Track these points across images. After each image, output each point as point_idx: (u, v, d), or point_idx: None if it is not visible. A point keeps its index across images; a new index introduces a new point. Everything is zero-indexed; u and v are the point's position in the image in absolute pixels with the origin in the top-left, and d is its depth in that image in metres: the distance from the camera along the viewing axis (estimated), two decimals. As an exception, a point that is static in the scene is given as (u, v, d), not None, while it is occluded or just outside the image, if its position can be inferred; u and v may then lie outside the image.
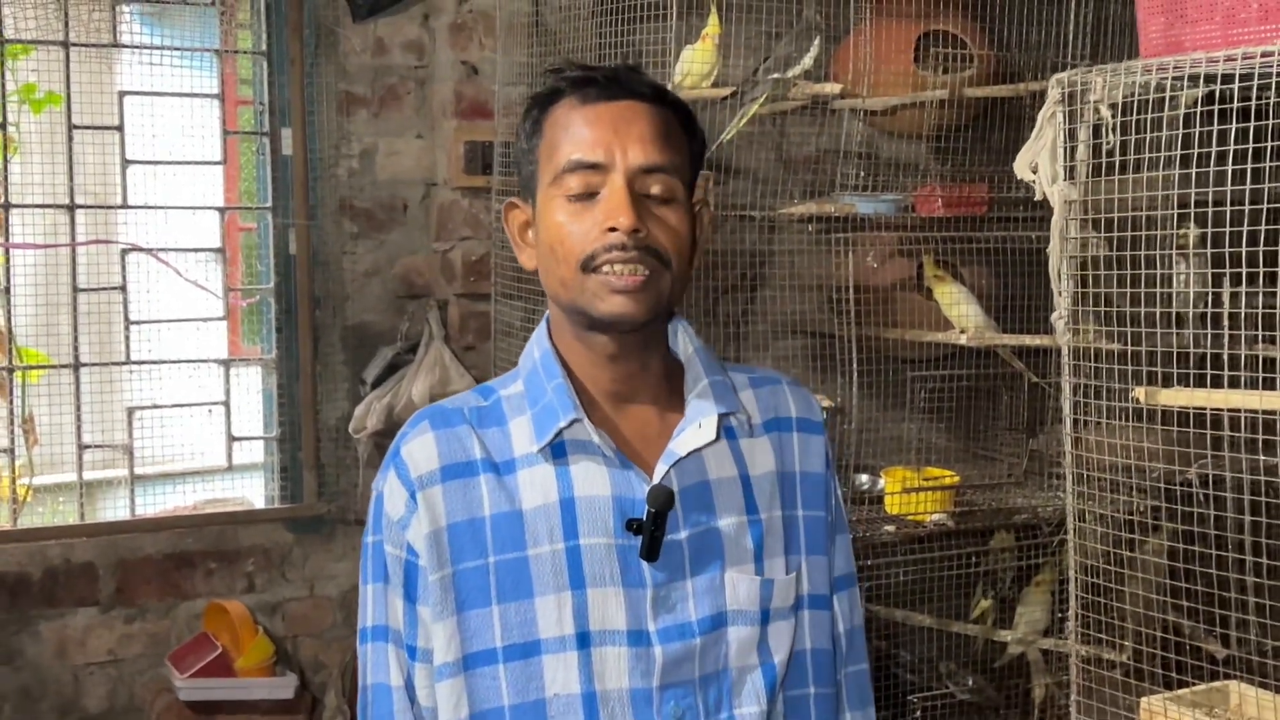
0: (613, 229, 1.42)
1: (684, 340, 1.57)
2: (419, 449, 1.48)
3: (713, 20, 3.14)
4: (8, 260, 3.68)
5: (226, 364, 3.90)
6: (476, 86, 3.90)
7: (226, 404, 3.89)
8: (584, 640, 1.43)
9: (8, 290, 3.68)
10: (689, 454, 1.48)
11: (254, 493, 4.09)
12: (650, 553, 1.43)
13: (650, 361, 1.52)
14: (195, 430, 3.91)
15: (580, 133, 1.46)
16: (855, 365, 3.38)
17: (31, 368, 3.80)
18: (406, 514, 1.47)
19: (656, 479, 1.46)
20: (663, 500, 1.44)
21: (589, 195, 1.44)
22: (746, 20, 3.37)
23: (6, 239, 3.69)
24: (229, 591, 3.83)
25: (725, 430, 1.53)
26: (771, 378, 1.62)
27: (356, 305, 3.94)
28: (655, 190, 1.45)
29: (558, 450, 1.47)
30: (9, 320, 3.70)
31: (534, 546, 1.45)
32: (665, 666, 1.45)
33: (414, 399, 3.73)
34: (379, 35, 3.94)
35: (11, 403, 3.74)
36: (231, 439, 3.90)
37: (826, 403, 3.39)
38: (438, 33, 3.95)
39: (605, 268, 1.42)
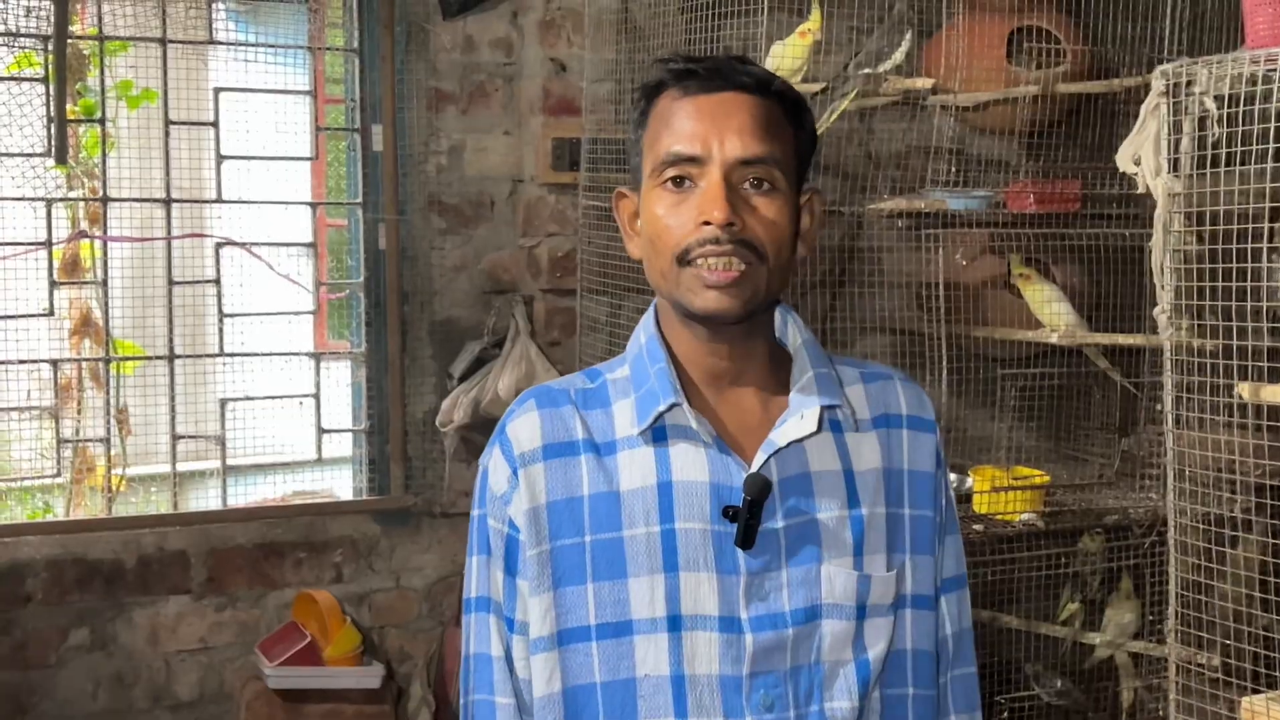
0: (706, 222, 1.43)
1: (793, 331, 1.57)
2: (523, 427, 1.51)
3: (815, 16, 3.13)
4: (105, 254, 3.75)
5: (317, 357, 3.95)
6: (564, 83, 3.92)
7: (317, 397, 3.94)
8: (675, 623, 1.44)
9: (105, 283, 3.75)
10: (789, 444, 1.48)
11: (342, 485, 4.14)
12: (745, 540, 1.44)
13: (754, 350, 1.52)
14: (286, 422, 3.97)
15: (680, 125, 1.47)
16: (944, 363, 3.35)
17: (126, 359, 3.87)
18: (509, 489, 1.50)
19: (755, 467, 1.47)
20: (759, 488, 1.44)
21: (688, 188, 1.46)
22: (837, 15, 3.36)
23: (104, 232, 3.76)
24: (317, 581, 3.87)
25: (830, 424, 1.52)
26: (884, 373, 1.60)
27: (444, 300, 3.98)
28: (754, 182, 1.46)
29: (658, 434, 1.48)
30: (105, 312, 3.77)
31: (630, 528, 1.46)
32: (755, 655, 1.45)
33: (500, 394, 3.75)
34: (468, 32, 3.97)
35: (107, 394, 3.81)
36: (321, 431, 3.95)
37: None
38: (526, 30, 3.98)
39: (699, 261, 1.44)
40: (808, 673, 1.47)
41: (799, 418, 1.49)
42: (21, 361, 3.69)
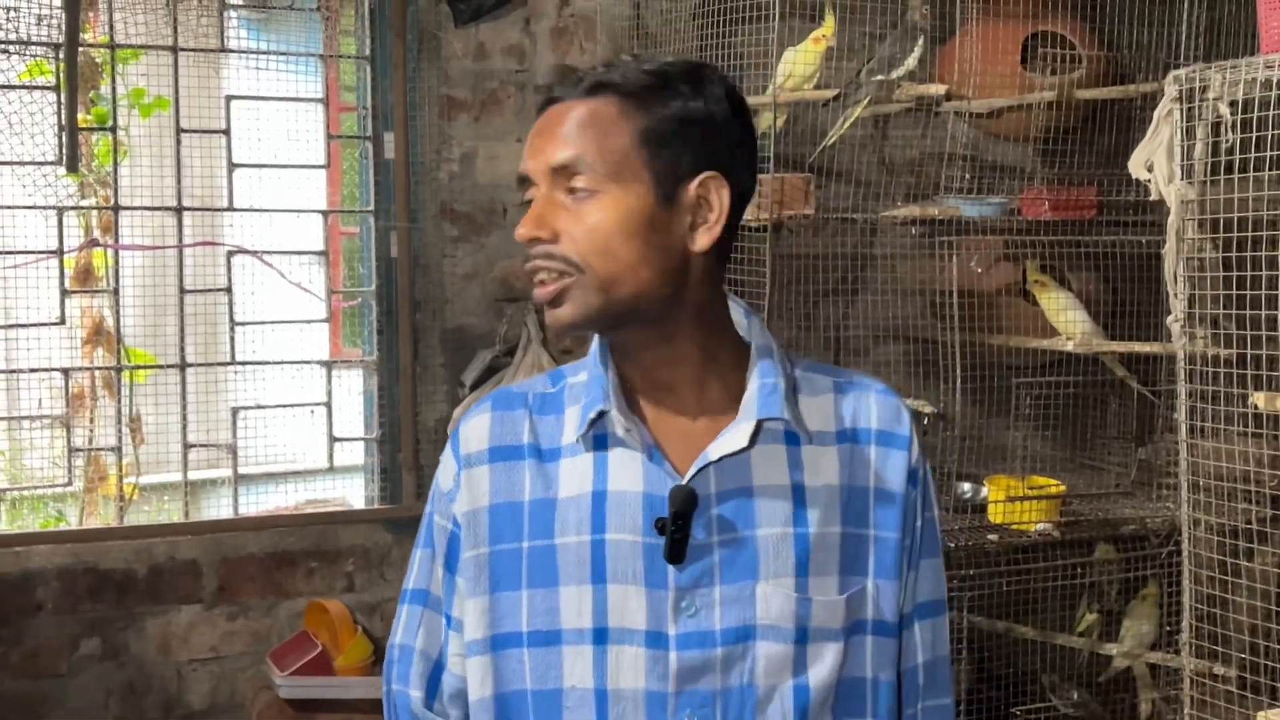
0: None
1: (754, 335, 1.51)
2: (474, 428, 1.51)
3: (828, 23, 3.11)
4: (116, 262, 3.75)
5: (328, 365, 3.94)
6: (576, 90, 3.89)
7: (328, 405, 3.93)
8: (601, 636, 1.42)
9: (116, 291, 3.75)
10: (725, 456, 1.43)
11: (354, 493, 4.13)
12: (673, 554, 1.39)
13: (683, 357, 1.46)
14: (297, 431, 3.96)
15: (526, 147, 1.48)
16: (958, 371, 3.32)
17: (138, 367, 3.87)
18: (454, 488, 1.51)
19: (686, 478, 1.42)
20: (681, 501, 1.39)
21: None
22: (850, 21, 3.34)
23: (115, 240, 3.76)
24: (329, 591, 3.86)
25: (786, 435, 1.46)
26: (861, 384, 1.52)
27: (456, 308, 3.96)
28: (574, 186, 1.40)
29: (600, 441, 1.45)
30: (117, 321, 3.77)
31: (562, 536, 1.44)
32: (681, 673, 1.41)
33: (512, 401, 3.73)
34: (480, 40, 3.96)
35: (119, 402, 3.80)
36: (333, 440, 3.94)
37: (928, 409, 3.34)
38: (539, 37, 3.97)
39: (534, 279, 1.45)
40: (739, 694, 1.42)
41: (737, 430, 1.44)
42: (33, 370, 3.69)
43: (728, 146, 1.44)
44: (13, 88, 3.64)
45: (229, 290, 3.81)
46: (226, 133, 3.79)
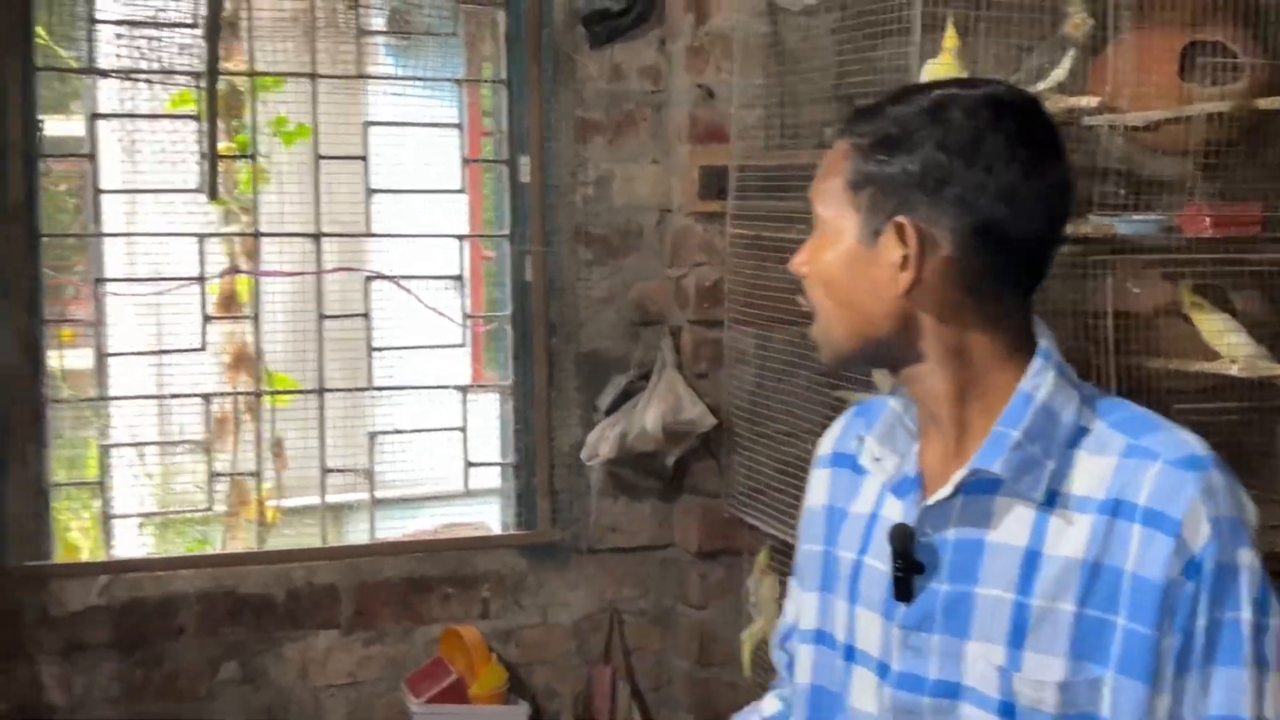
0: None
1: (1029, 375, 1.40)
2: (834, 429, 1.62)
3: (950, 33, 2.99)
4: (256, 288, 3.78)
5: (464, 390, 3.92)
6: (712, 110, 3.83)
7: (463, 430, 3.91)
8: (849, 653, 1.47)
9: (256, 317, 3.78)
10: (936, 503, 1.38)
11: (490, 518, 4.11)
12: (897, 591, 1.39)
13: (935, 394, 1.41)
14: (434, 455, 3.94)
15: None
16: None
17: (276, 392, 3.89)
18: (813, 480, 1.61)
19: (907, 518, 1.40)
20: (898, 539, 1.38)
21: None
22: (997, 33, 3.21)
23: (256, 266, 3.79)
24: (465, 617, 3.84)
25: (1042, 493, 1.34)
26: (1151, 451, 1.33)
27: (590, 332, 3.92)
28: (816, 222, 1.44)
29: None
30: (256, 346, 3.80)
31: (844, 549, 1.50)
32: (896, 711, 1.40)
33: (646, 427, 3.67)
34: (616, 61, 3.91)
35: (257, 427, 3.83)
36: (468, 465, 3.92)
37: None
38: (674, 57, 3.91)
39: None
40: None
41: (957, 476, 1.38)
42: (174, 395, 3.74)
43: (938, 185, 1.35)
44: (157, 116, 3.70)
45: (367, 316, 3.81)
46: (364, 159, 3.79)
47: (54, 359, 3.63)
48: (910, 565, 1.38)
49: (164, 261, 3.81)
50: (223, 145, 3.87)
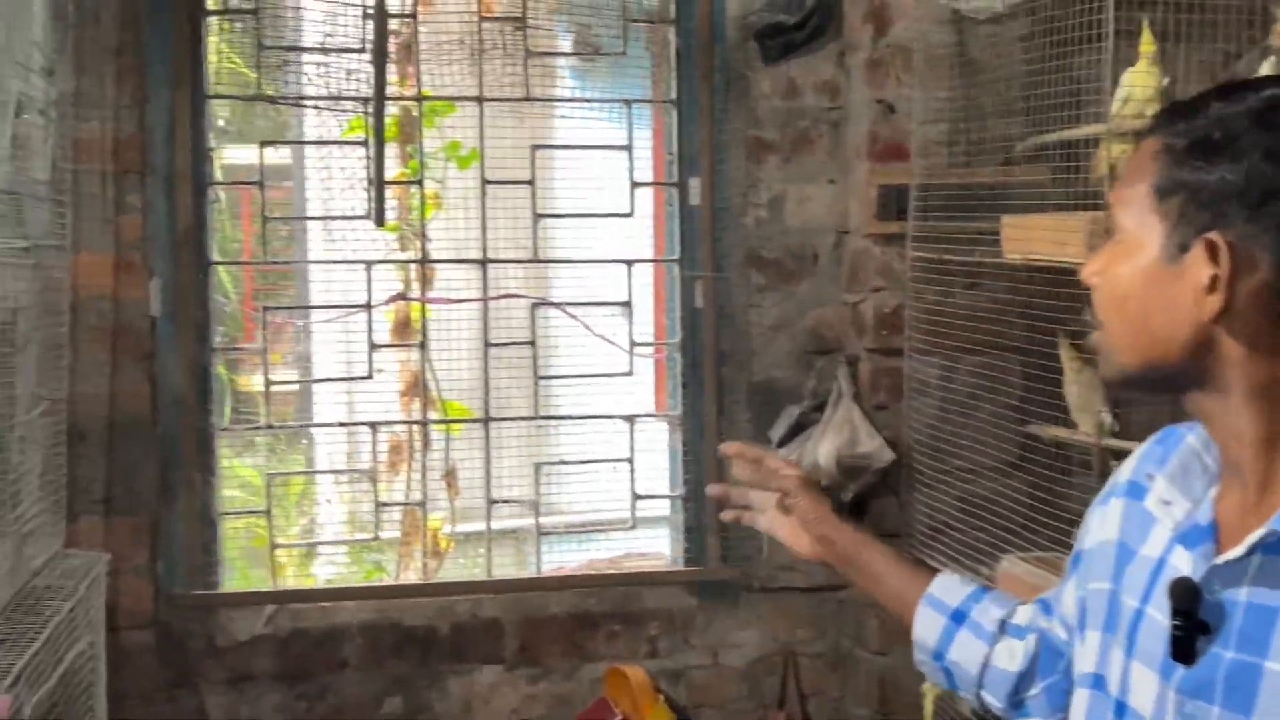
0: None
1: None
2: (1135, 455, 1.42)
3: (1145, 37, 2.74)
4: (423, 314, 3.73)
5: (631, 420, 3.79)
6: (892, 126, 3.63)
7: (630, 461, 3.78)
8: (1120, 710, 1.28)
9: (423, 345, 3.73)
10: (1225, 562, 1.19)
11: (659, 553, 3.97)
12: (1175, 651, 1.19)
13: (1235, 435, 1.23)
14: (601, 486, 3.83)
15: None
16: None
17: (441, 421, 3.82)
18: (1109, 509, 1.41)
19: (1195, 572, 1.21)
20: (1180, 596, 1.19)
21: None
22: (1200, 38, 2.94)
23: (424, 293, 3.74)
24: (631, 655, 3.70)
25: None
26: None
27: (763, 360, 3.75)
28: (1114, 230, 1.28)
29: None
30: (423, 375, 3.74)
31: (1127, 594, 1.31)
32: None
33: (820, 460, 3.49)
34: (791, 77, 3.75)
35: (424, 456, 3.77)
36: (635, 497, 3.79)
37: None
38: (852, 71, 3.72)
39: None
40: None
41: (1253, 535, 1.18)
42: (341, 424, 3.71)
43: (1263, 198, 1.18)
44: (326, 143, 3.68)
45: (532, 343, 3.72)
46: (531, 183, 3.71)
47: (224, 387, 3.64)
48: (1194, 625, 1.19)
49: (335, 289, 3.79)
50: (398, 171, 3.85)
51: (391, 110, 3.85)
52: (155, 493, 3.50)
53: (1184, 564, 1.24)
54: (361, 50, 3.58)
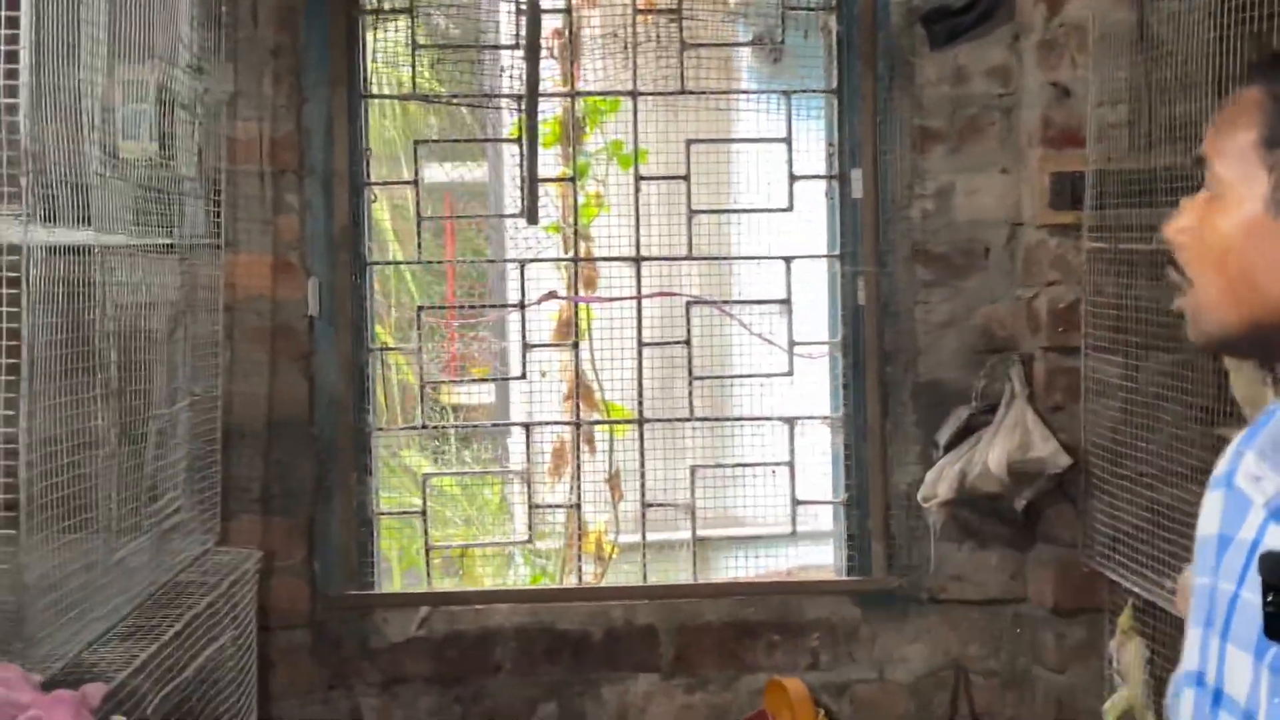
0: None
1: None
2: (1231, 444, 1.30)
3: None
4: (574, 313, 3.67)
5: (791, 422, 3.65)
6: (1067, 111, 3.42)
7: (790, 465, 3.64)
8: (1217, 698, 1.20)
9: (575, 345, 3.66)
10: None
11: (820, 561, 3.82)
12: (1269, 629, 1.12)
13: None
14: (759, 491, 3.69)
15: None
16: None
17: (595, 422, 3.75)
18: (1206, 504, 1.30)
19: None
20: (1269, 568, 1.13)
21: None
22: None
23: (575, 292, 3.68)
24: (792, 667, 3.56)
25: None
26: None
27: (929, 360, 3.57)
28: (1207, 182, 1.23)
29: None
30: (577, 373, 3.68)
31: (1224, 580, 1.22)
32: None
33: (990, 466, 3.29)
34: (959, 63, 3.57)
35: (577, 458, 3.70)
36: (796, 503, 3.65)
37: None
38: (1024, 54, 3.52)
39: None
40: None
41: None
42: (496, 424, 3.67)
43: None
44: (479, 140, 3.66)
45: (687, 343, 3.61)
46: (686, 178, 3.61)
47: (379, 387, 3.64)
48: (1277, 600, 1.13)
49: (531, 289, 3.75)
50: (560, 172, 3.80)
51: (555, 111, 3.82)
52: (312, 492, 3.50)
53: (1277, 541, 1.16)
54: (515, 46, 3.54)
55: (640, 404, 3.62)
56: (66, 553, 2.21)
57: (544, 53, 3.54)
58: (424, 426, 3.62)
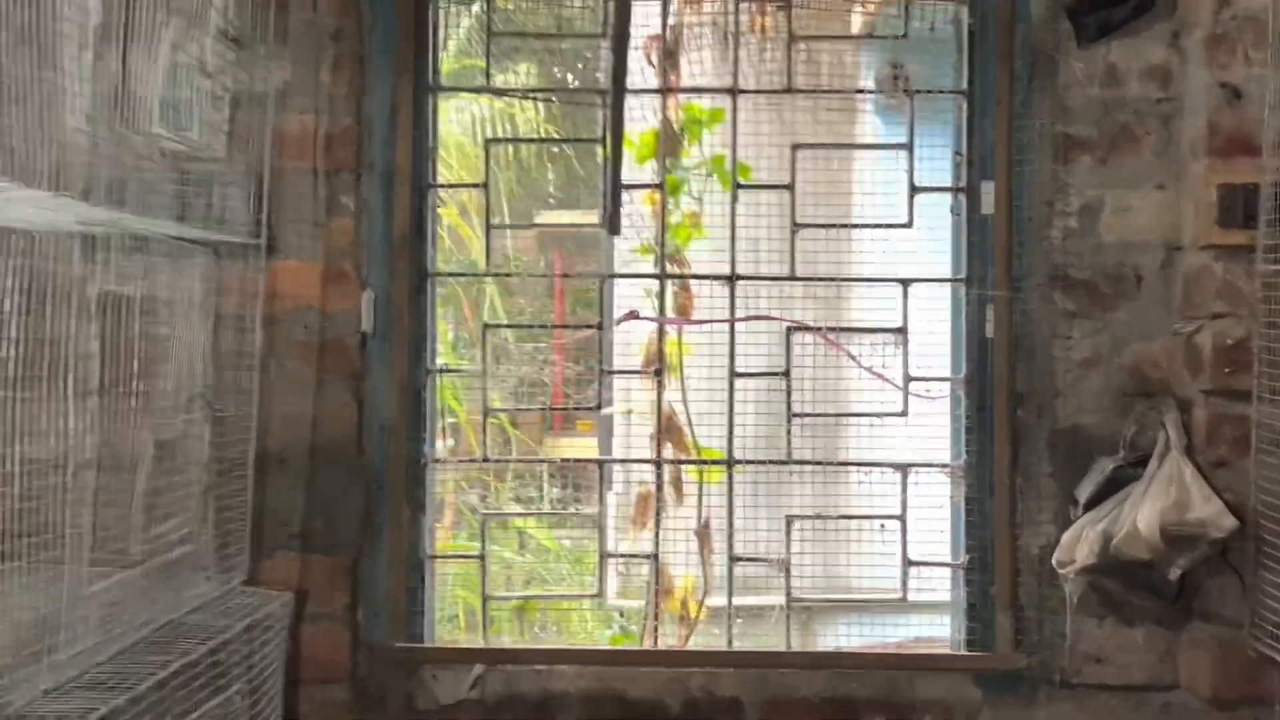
0: None
1: None
2: None
3: None
4: (659, 337, 3.25)
5: (903, 470, 3.18)
6: (1239, 115, 2.93)
7: (902, 519, 3.16)
8: None
9: (659, 372, 3.24)
10: None
11: (934, 632, 3.33)
12: None
13: None
14: (866, 549, 3.22)
15: None
16: None
17: (677, 461, 3.32)
18: None
19: None
20: None
21: None
22: None
23: (661, 313, 3.26)
24: (898, 754, 3.08)
25: None
26: None
27: (1070, 403, 3.08)
28: None
29: None
30: (658, 408, 3.26)
31: None
32: None
33: (1140, 528, 2.79)
34: (1111, 61, 3.10)
35: (656, 503, 3.27)
36: (908, 563, 3.17)
37: None
38: (1189, 51, 3.04)
39: None
40: None
41: None
42: (563, 461, 3.26)
43: None
44: (552, 141, 3.27)
45: (786, 374, 3.17)
46: (790, 187, 3.18)
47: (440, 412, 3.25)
48: None
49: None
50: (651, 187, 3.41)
51: (650, 123, 3.44)
52: (358, 530, 3.12)
53: None
54: (602, 35, 3.16)
55: (730, 442, 3.18)
56: (17, 584, 1.84)
57: (633, 43, 3.15)
58: (484, 460, 3.21)
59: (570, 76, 3.20)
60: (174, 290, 2.38)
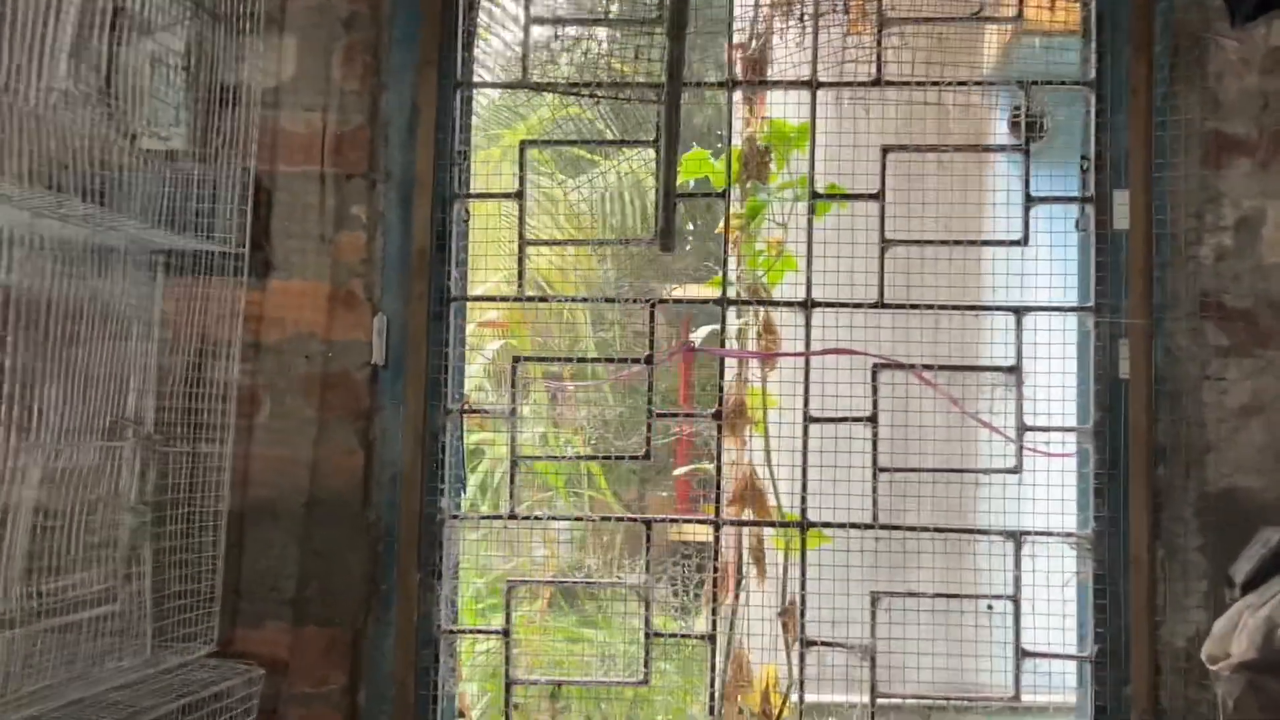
0: None
1: None
2: None
3: None
4: (720, 370, 2.74)
5: (1017, 538, 2.61)
6: None
7: (1015, 600, 2.59)
8: None
9: (718, 415, 2.73)
10: None
11: (1056, 741, 2.75)
12: None
13: None
14: (970, 634, 2.66)
15: None
16: None
17: (738, 523, 2.80)
18: None
19: None
20: None
21: None
22: None
23: (721, 344, 2.76)
24: None
25: None
26: None
27: (1224, 460, 2.51)
28: None
29: None
30: (718, 456, 2.74)
31: None
32: None
33: (1318, 616, 2.20)
34: (1273, 44, 2.55)
35: (713, 571, 2.74)
36: (1021, 654, 2.59)
37: None
38: (1373, 28, 2.49)
39: None
40: None
41: None
42: (603, 518, 2.75)
43: None
44: (601, 143, 2.81)
45: (872, 420, 2.63)
46: (879, 197, 2.67)
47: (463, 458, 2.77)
48: None
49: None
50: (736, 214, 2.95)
51: (734, 142, 3.00)
52: (362, 597, 2.65)
53: None
54: (657, 20, 2.70)
55: (804, 501, 2.65)
56: None
57: (690, 30, 2.68)
58: (511, 516, 2.72)
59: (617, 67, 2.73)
60: (111, 299, 1.95)
